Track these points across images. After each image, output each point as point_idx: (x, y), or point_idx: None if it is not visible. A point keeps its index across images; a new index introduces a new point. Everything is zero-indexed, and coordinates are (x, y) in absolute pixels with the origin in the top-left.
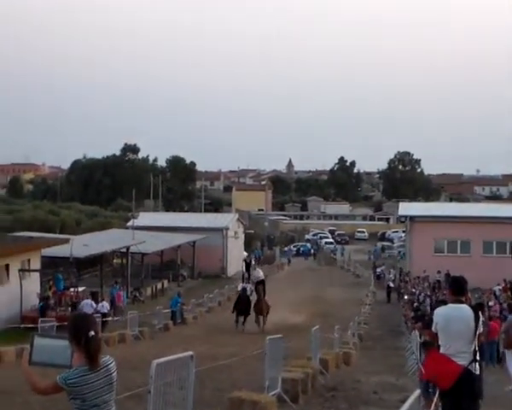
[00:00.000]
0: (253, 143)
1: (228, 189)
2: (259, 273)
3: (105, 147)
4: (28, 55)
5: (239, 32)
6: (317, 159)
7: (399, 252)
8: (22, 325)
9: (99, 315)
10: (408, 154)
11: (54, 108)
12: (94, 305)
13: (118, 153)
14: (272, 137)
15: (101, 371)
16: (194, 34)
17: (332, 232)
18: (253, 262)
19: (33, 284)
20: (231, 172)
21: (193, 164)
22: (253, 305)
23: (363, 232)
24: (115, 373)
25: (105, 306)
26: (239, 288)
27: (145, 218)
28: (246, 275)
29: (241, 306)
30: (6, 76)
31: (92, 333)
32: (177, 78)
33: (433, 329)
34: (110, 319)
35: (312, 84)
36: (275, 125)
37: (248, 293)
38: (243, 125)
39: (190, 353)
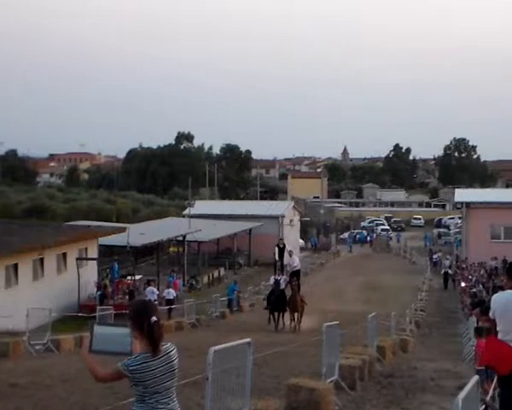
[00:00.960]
0: (309, 130)
1: (283, 176)
2: (295, 262)
3: (160, 135)
4: (85, 48)
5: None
6: (372, 146)
7: (456, 238)
8: (80, 314)
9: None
10: (464, 140)
11: (109, 98)
12: (156, 292)
13: (172, 142)
14: (327, 125)
15: (162, 358)
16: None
17: (388, 219)
18: (287, 247)
19: (91, 272)
20: (287, 159)
21: (248, 152)
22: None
23: (420, 219)
24: (176, 360)
25: (171, 293)
26: (271, 281)
27: (201, 206)
28: (279, 264)
29: (276, 301)
30: (62, 68)
31: (154, 319)
32: (230, 66)
33: (490, 315)
34: (176, 305)
35: (368, 70)
36: (330, 112)
37: (283, 286)
38: (298, 113)
39: (248, 340)
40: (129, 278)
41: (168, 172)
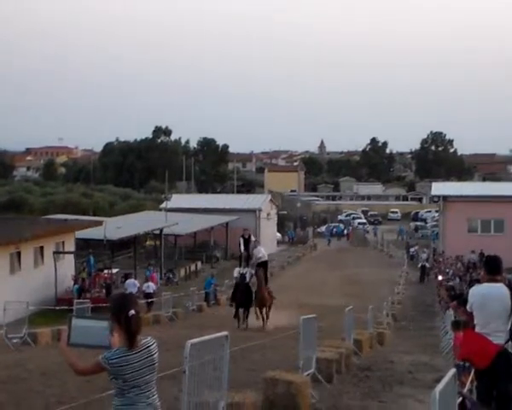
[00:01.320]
0: (285, 124)
1: (260, 170)
2: (260, 252)
3: (137, 130)
4: (63, 40)
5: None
6: (348, 140)
7: (433, 232)
8: (57, 307)
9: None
10: (440, 134)
11: (86, 92)
12: (137, 284)
13: (150, 136)
14: (304, 119)
15: (142, 352)
16: (221, 21)
17: (365, 213)
18: (253, 238)
19: (68, 266)
20: (263, 153)
21: (225, 146)
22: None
23: (396, 213)
24: (156, 354)
25: (151, 286)
26: (235, 274)
27: (178, 200)
28: (244, 255)
29: (241, 296)
30: (39, 61)
31: (132, 312)
32: (205, 61)
33: (467, 308)
34: (155, 299)
35: (342, 65)
36: (306, 106)
37: (248, 280)
38: (275, 107)
39: (225, 333)
40: (106, 271)
41: (145, 165)
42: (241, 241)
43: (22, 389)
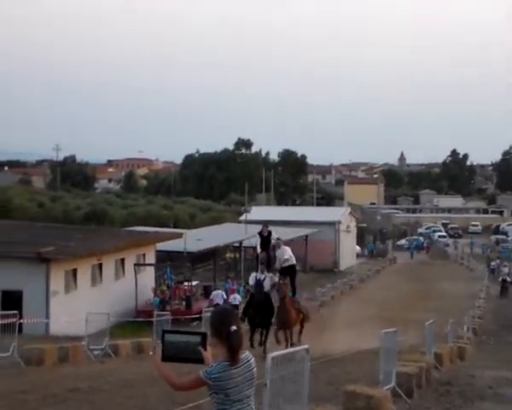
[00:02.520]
0: (365, 136)
1: (340, 182)
2: (286, 254)
3: (217, 141)
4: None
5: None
6: (429, 152)
7: None
8: (137, 319)
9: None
10: None
11: (166, 104)
12: (225, 296)
13: (230, 147)
14: (384, 130)
15: (242, 367)
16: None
17: (445, 226)
18: (275, 236)
19: (148, 278)
20: (343, 165)
21: (304, 157)
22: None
23: (477, 226)
24: (255, 369)
25: (237, 298)
26: (250, 281)
27: (258, 212)
28: (263, 258)
29: (255, 311)
30: (121, 74)
31: (234, 328)
32: (289, 71)
33: None
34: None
35: (422, 81)
36: (386, 118)
37: (267, 288)
38: (355, 119)
39: (306, 346)
40: (186, 283)
41: (225, 177)
42: (259, 240)
43: (104, 401)
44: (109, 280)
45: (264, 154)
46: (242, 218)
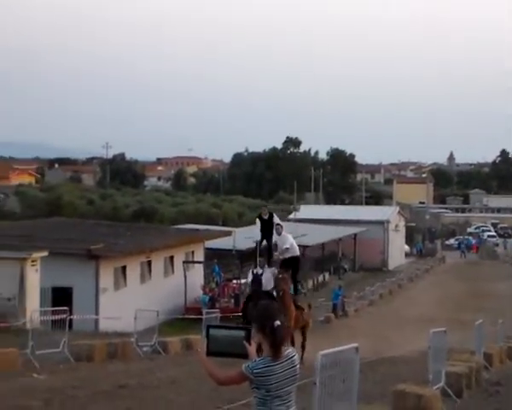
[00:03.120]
0: (414, 135)
1: (388, 181)
2: (287, 242)
3: (266, 140)
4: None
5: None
6: (478, 151)
7: None
8: (186, 316)
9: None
10: None
11: (216, 102)
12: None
13: (278, 146)
14: (433, 130)
15: (285, 363)
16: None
17: (494, 225)
18: (277, 220)
19: (197, 275)
20: (392, 164)
21: (353, 156)
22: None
23: None
24: (298, 366)
25: None
26: (249, 277)
27: (306, 210)
28: (263, 248)
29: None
30: (175, 76)
31: (278, 323)
32: (336, 71)
33: None
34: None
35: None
36: (436, 117)
37: (268, 287)
38: (403, 118)
39: (355, 345)
40: (234, 281)
41: (274, 176)
42: (258, 223)
43: (152, 397)
44: (158, 277)
45: (312, 153)
46: (291, 216)
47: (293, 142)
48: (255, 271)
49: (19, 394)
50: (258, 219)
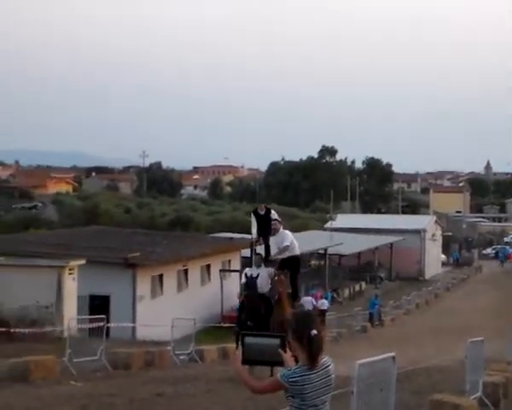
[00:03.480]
0: (451, 144)
1: (425, 191)
2: (287, 240)
3: (302, 149)
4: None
5: None
6: None
7: None
8: (222, 325)
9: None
10: None
11: (252, 112)
12: (314, 302)
13: (314, 155)
14: (470, 139)
15: (321, 372)
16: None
17: None
18: (274, 215)
19: (233, 284)
20: (428, 173)
21: (389, 165)
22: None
23: None
24: (333, 375)
25: (325, 303)
26: (242, 279)
27: (342, 219)
28: (258, 245)
29: (247, 320)
30: (208, 86)
31: (314, 332)
32: (370, 81)
33: None
34: (330, 316)
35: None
36: (472, 126)
37: (265, 290)
38: (441, 127)
39: (392, 354)
40: None
41: (310, 185)
42: (253, 220)
43: (189, 405)
44: (195, 286)
45: (349, 162)
46: (327, 225)
47: (329, 151)
48: (249, 272)
49: (56, 401)
50: (253, 215)
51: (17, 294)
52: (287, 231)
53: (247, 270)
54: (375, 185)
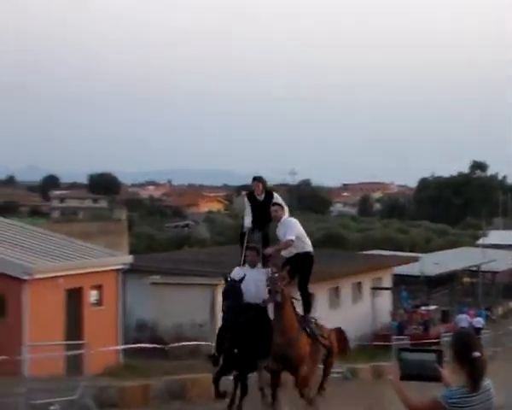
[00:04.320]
0: None
1: None
2: (289, 231)
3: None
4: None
5: None
6: None
7: None
8: (374, 343)
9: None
10: None
11: (395, 131)
12: (469, 320)
13: (464, 170)
14: None
15: (482, 395)
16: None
17: None
18: (278, 198)
19: (384, 302)
20: None
21: None
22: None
23: None
24: (494, 399)
25: (480, 321)
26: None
27: (495, 236)
28: (255, 239)
29: (234, 339)
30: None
31: (477, 354)
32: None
33: None
34: (484, 334)
35: None
36: None
37: (252, 295)
38: None
39: None
40: (423, 308)
41: (461, 201)
42: (248, 206)
43: None
44: (347, 304)
45: (500, 177)
46: (479, 242)
47: (479, 166)
48: (232, 274)
49: None
50: (247, 200)
51: (172, 311)
52: (293, 220)
53: (229, 274)
54: None
